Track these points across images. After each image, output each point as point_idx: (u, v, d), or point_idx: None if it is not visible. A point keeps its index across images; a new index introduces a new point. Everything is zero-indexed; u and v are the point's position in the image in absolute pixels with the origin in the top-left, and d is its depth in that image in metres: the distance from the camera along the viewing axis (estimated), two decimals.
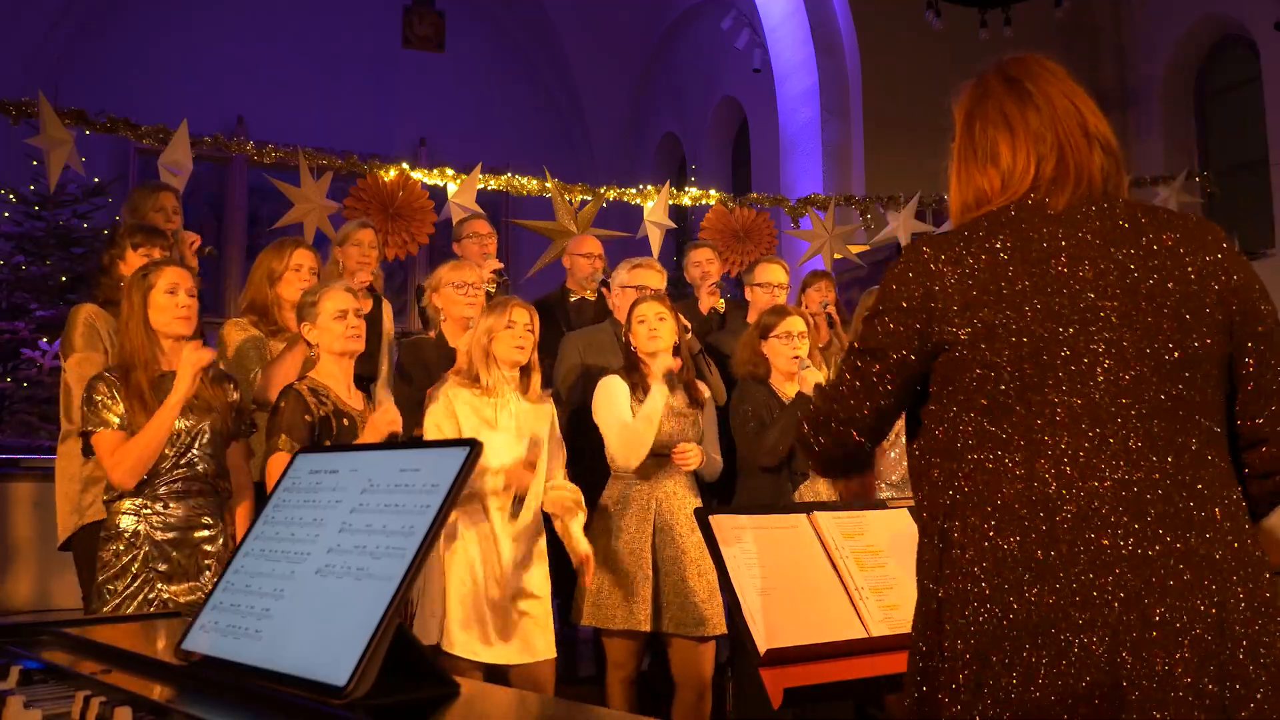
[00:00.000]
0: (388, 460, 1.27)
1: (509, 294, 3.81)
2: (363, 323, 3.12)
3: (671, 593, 3.34)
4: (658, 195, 6.47)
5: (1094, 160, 1.46)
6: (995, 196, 1.49)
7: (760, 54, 9.95)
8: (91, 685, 1.21)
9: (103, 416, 2.75)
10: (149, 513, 2.80)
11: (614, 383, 3.51)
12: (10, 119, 5.29)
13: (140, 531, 2.79)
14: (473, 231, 4.55)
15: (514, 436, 3.20)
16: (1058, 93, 1.49)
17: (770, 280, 4.45)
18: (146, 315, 2.85)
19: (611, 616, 3.33)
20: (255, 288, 3.51)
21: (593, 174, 11.41)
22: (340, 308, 3.05)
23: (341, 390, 3.09)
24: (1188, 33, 8.43)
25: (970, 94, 1.56)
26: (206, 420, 2.88)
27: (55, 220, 8.48)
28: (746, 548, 2.33)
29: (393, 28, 12.25)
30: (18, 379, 7.56)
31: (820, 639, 2.19)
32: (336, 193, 5.75)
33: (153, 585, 2.77)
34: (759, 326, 3.74)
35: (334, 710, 1.05)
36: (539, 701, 1.40)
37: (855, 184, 8.49)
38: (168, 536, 2.80)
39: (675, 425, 3.47)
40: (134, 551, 2.78)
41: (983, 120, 1.52)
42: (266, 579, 1.26)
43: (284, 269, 3.48)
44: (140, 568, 2.77)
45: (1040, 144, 1.46)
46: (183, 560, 2.81)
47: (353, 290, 3.17)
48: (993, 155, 1.50)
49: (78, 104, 5.49)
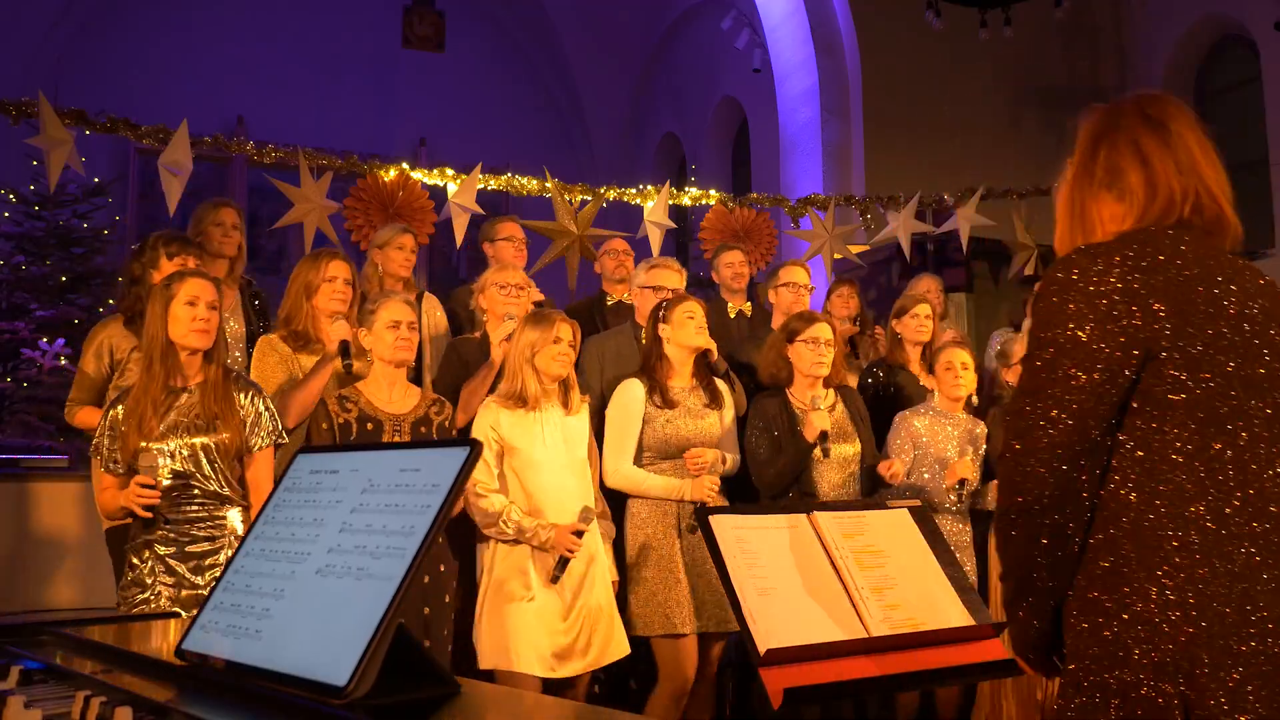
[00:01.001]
0: (388, 460, 1.27)
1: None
2: (415, 335, 3.20)
3: (707, 591, 3.35)
4: (658, 195, 6.46)
5: (1225, 211, 1.48)
6: (1109, 224, 1.48)
7: (760, 54, 9.95)
8: (91, 685, 1.21)
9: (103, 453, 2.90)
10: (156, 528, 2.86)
11: (632, 386, 3.52)
12: (10, 119, 5.28)
13: (151, 546, 2.87)
14: (509, 234, 4.57)
15: (561, 450, 3.24)
16: (1194, 142, 1.49)
17: (795, 280, 4.44)
18: (167, 325, 2.89)
19: (651, 624, 3.34)
20: (292, 301, 3.49)
21: (593, 174, 11.40)
22: (395, 319, 3.16)
23: (381, 395, 3.16)
24: (1188, 33, 8.43)
25: (1101, 119, 1.54)
26: (210, 437, 2.90)
27: (55, 220, 8.48)
28: (747, 548, 2.33)
29: (393, 28, 12.24)
30: (18, 379, 7.55)
31: (820, 639, 2.18)
32: (336, 193, 5.74)
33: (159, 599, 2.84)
34: (785, 330, 3.73)
35: (334, 710, 1.05)
36: (539, 702, 1.40)
37: (855, 184, 8.49)
38: (170, 551, 2.86)
39: (693, 426, 3.49)
40: (145, 565, 2.87)
41: (1110, 148, 1.50)
42: (267, 579, 1.26)
43: (320, 280, 3.46)
44: (150, 582, 2.86)
45: (1175, 183, 1.46)
46: (188, 574, 2.86)
47: (410, 303, 3.25)
48: (1113, 183, 1.49)
49: (78, 104, 5.49)
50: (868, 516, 2.56)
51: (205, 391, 2.92)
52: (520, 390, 3.21)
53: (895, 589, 2.35)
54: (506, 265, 3.96)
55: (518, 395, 3.22)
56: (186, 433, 2.88)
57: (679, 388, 3.55)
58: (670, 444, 3.47)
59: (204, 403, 2.90)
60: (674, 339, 3.53)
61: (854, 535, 2.47)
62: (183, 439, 2.87)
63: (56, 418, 7.06)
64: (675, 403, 3.50)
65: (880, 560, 2.43)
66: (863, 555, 2.43)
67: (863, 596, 2.32)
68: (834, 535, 2.44)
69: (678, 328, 3.52)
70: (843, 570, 2.37)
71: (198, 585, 2.84)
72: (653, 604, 3.33)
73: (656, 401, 3.47)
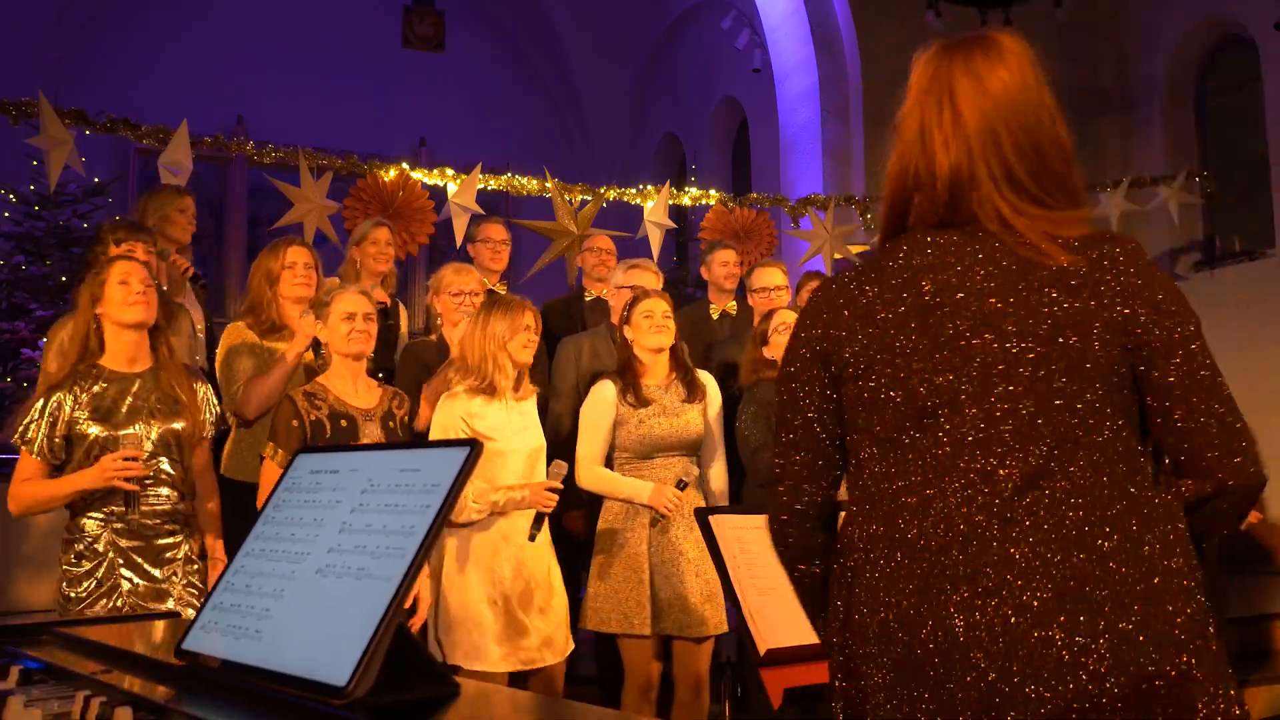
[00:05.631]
0: (388, 460, 1.27)
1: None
2: (372, 326, 3.15)
3: (670, 595, 3.34)
4: (658, 195, 6.46)
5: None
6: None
7: (760, 54, 9.94)
8: (91, 685, 1.21)
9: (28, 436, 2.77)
10: (115, 520, 2.78)
11: (604, 387, 3.51)
12: (10, 119, 5.28)
13: (104, 538, 2.76)
14: (486, 236, 4.54)
15: (524, 437, 3.25)
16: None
17: (767, 284, 4.44)
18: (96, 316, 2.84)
19: (609, 620, 3.34)
20: (255, 289, 3.54)
21: (593, 174, 11.40)
22: (349, 310, 3.09)
23: (347, 390, 3.11)
24: (1188, 33, 8.42)
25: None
26: (178, 423, 2.86)
27: (55, 220, 8.47)
28: (747, 548, 2.33)
29: (393, 28, 12.23)
30: (18, 379, 7.55)
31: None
32: (336, 193, 5.74)
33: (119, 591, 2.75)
34: (757, 336, 3.77)
35: (334, 710, 1.05)
36: (539, 702, 1.40)
37: (855, 184, 8.48)
38: (134, 544, 2.78)
39: (668, 424, 3.47)
40: (97, 559, 2.76)
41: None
42: (267, 579, 1.26)
43: (280, 267, 3.50)
44: (105, 574, 2.75)
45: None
46: (147, 566, 2.79)
47: (367, 294, 3.21)
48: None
49: (78, 104, 5.49)
50: None
51: (162, 376, 2.87)
52: (490, 380, 3.20)
53: None
54: (462, 268, 3.89)
55: (486, 385, 3.20)
56: (151, 418, 2.82)
57: (653, 385, 3.52)
58: (645, 443, 3.45)
59: (161, 388, 2.86)
60: (635, 339, 3.53)
61: None
62: (148, 424, 2.81)
63: None
64: (649, 400, 3.47)
65: None
66: None
67: None
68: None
69: (635, 328, 3.52)
70: None
71: (156, 579, 2.79)
72: (613, 601, 3.33)
73: (630, 401, 3.46)
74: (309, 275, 3.50)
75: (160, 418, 2.84)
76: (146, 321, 2.87)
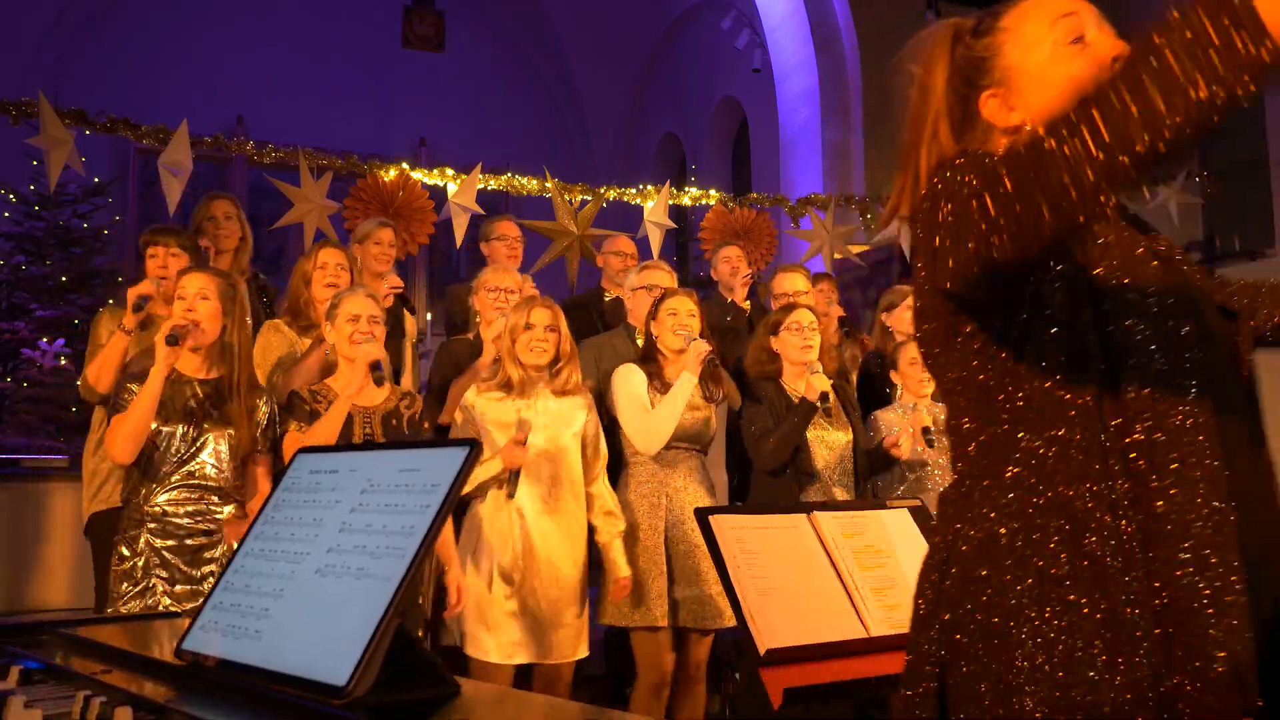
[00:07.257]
0: (388, 460, 1.27)
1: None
2: (378, 328, 3.18)
3: (687, 588, 3.36)
4: (658, 195, 6.46)
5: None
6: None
7: (760, 54, 9.95)
8: (91, 685, 1.21)
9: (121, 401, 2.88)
10: (150, 520, 2.85)
11: (631, 370, 3.54)
12: (10, 119, 5.29)
13: (144, 538, 2.85)
14: (501, 233, 4.54)
15: (541, 436, 3.25)
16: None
17: (788, 290, 4.37)
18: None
19: (629, 614, 3.36)
20: (292, 290, 3.65)
21: (593, 174, 11.41)
22: (354, 312, 3.12)
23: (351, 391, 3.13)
24: None
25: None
26: (221, 431, 2.92)
27: (55, 220, 8.48)
28: (747, 547, 2.33)
29: (393, 28, 12.24)
30: (18, 379, 7.56)
31: (820, 639, 2.19)
32: (336, 193, 5.74)
33: (154, 591, 2.82)
34: (767, 324, 3.77)
35: (334, 710, 1.05)
36: (539, 702, 1.39)
37: (855, 184, 8.48)
38: (167, 544, 2.85)
39: (690, 419, 3.49)
40: (136, 559, 2.84)
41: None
42: (266, 579, 1.26)
43: (313, 269, 3.60)
44: (143, 574, 2.84)
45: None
46: (183, 566, 2.85)
47: (374, 297, 3.23)
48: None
49: (78, 104, 5.49)
50: (868, 516, 2.56)
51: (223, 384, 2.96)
52: (505, 377, 3.25)
53: (895, 589, 2.35)
54: (501, 267, 3.99)
55: (503, 382, 3.25)
56: (204, 420, 2.90)
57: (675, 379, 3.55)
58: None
59: (219, 395, 2.94)
60: (659, 337, 3.55)
61: (854, 535, 2.47)
62: (199, 427, 2.89)
63: (57, 418, 7.07)
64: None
65: (880, 560, 2.44)
66: (863, 555, 2.43)
67: (863, 596, 2.32)
68: (834, 535, 2.44)
69: (659, 325, 3.56)
70: (843, 570, 2.37)
71: (193, 579, 2.84)
72: (632, 594, 3.34)
73: (656, 386, 3.49)
74: (340, 275, 3.58)
75: (213, 423, 2.90)
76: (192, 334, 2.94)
